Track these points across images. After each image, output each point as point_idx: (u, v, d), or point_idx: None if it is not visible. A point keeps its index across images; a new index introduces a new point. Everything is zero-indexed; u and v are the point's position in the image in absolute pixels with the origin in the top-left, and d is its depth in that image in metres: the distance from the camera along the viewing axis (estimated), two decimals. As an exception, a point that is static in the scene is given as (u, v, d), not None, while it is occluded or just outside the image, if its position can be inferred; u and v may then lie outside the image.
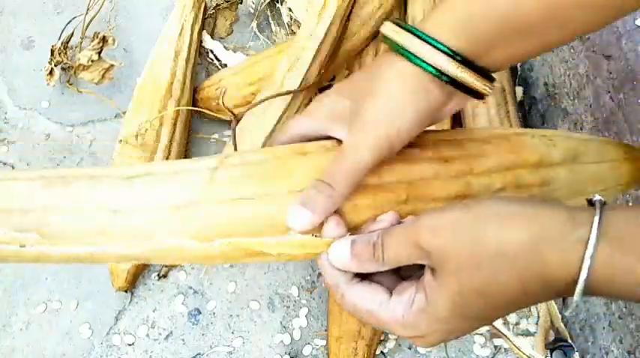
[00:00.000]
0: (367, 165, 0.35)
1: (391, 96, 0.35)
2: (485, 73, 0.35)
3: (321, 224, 0.36)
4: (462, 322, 0.33)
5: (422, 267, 0.34)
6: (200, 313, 0.68)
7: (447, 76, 0.34)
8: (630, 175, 0.45)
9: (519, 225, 0.31)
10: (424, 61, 0.34)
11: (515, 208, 0.31)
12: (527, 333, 0.65)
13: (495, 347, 0.66)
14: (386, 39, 0.36)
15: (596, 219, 0.29)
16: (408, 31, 0.34)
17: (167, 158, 0.69)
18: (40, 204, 0.34)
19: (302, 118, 0.40)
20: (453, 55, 0.33)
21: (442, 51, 0.33)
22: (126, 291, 0.68)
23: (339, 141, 0.37)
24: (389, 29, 0.36)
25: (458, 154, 0.38)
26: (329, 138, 0.39)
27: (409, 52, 0.34)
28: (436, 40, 0.34)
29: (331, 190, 0.35)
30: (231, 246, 0.34)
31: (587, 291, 0.30)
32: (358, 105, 0.36)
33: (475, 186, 0.37)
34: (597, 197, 0.32)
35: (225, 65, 0.81)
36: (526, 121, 0.75)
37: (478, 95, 0.36)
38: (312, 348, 0.67)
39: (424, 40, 0.34)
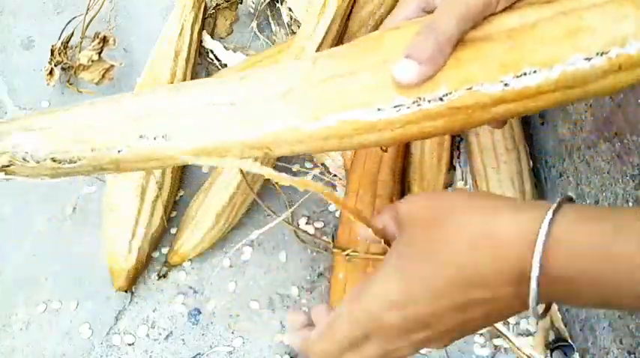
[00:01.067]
0: (472, 15, 0.33)
1: None
2: None
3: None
4: (406, 280, 0.31)
5: None
6: (200, 313, 0.68)
7: None
8: None
9: (478, 212, 0.31)
10: None
11: (476, 200, 0.32)
12: (527, 333, 0.65)
13: (495, 346, 0.66)
14: None
15: (554, 205, 0.28)
16: None
17: (167, 158, 0.69)
18: (168, 107, 0.39)
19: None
20: None
21: None
22: (126, 291, 0.68)
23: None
24: None
25: None
26: None
27: None
28: None
29: (437, 34, 0.32)
30: (340, 121, 0.35)
31: (544, 270, 0.26)
32: None
33: (587, 20, 0.33)
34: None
35: (225, 65, 0.81)
36: (526, 121, 0.75)
37: None
38: (312, 348, 0.67)
39: None
